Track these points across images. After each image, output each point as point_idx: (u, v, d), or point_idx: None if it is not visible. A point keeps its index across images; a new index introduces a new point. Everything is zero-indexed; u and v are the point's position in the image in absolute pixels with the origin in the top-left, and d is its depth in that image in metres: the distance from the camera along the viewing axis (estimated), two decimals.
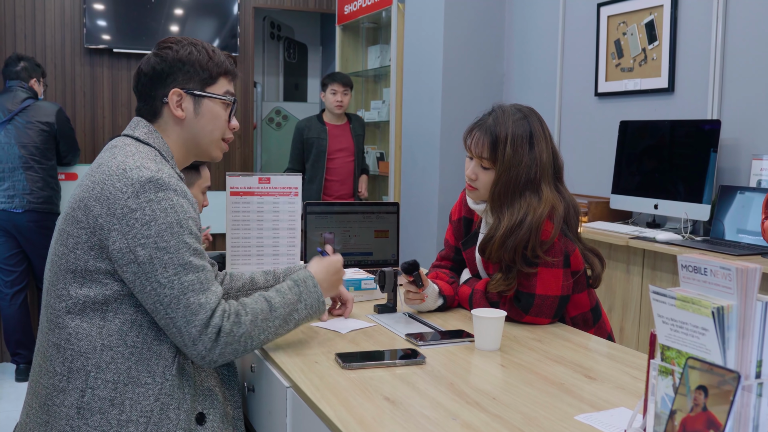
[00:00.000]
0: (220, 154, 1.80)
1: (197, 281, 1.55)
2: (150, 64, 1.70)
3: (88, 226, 1.55)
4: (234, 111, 1.79)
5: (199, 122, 1.72)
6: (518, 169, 1.99)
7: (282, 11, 7.28)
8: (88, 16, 5.43)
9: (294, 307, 1.70)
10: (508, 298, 2.05)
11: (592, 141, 4.10)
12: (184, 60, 1.69)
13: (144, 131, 1.68)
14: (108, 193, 1.54)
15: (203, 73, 1.71)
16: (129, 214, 1.52)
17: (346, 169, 5.02)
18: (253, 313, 1.62)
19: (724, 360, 1.04)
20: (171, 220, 1.54)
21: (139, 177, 1.54)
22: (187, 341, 1.55)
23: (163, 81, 1.69)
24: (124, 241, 1.52)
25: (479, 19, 4.66)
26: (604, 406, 1.44)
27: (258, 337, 1.63)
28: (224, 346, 1.57)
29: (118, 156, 1.60)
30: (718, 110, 3.35)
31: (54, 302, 1.59)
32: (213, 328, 1.55)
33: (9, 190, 4.35)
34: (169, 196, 1.55)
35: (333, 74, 5.05)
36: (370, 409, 1.41)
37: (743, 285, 1.03)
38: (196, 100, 1.71)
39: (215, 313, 1.56)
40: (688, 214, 3.27)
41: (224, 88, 1.76)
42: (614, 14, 3.91)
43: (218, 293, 1.59)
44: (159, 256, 1.52)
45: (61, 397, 1.55)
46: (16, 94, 4.43)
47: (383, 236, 2.69)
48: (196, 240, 1.59)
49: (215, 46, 1.78)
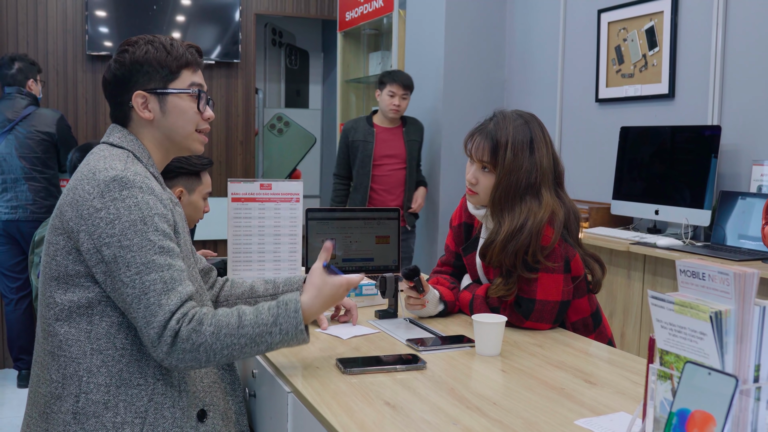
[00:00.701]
0: (200, 147, 1.76)
1: (160, 280, 1.51)
2: (111, 71, 1.69)
3: (63, 231, 1.56)
4: (205, 101, 1.73)
5: (168, 120, 1.69)
6: (519, 174, 2.00)
7: (283, 18, 7.30)
8: (90, 22, 5.45)
9: (267, 330, 1.57)
10: (508, 304, 2.05)
11: (592, 147, 4.10)
12: (141, 61, 1.66)
13: (118, 136, 1.68)
14: (78, 197, 1.55)
15: (163, 71, 1.68)
16: (94, 214, 1.52)
17: (394, 177, 4.49)
18: (216, 325, 1.53)
19: (722, 364, 1.04)
20: (134, 217, 1.52)
21: (105, 177, 1.54)
22: (147, 342, 1.52)
23: (125, 85, 1.67)
24: (91, 241, 1.52)
25: (480, 25, 4.68)
26: (605, 410, 1.45)
27: (221, 351, 1.53)
28: (181, 352, 1.50)
29: (91, 161, 1.62)
30: (718, 116, 3.36)
31: (44, 311, 1.61)
32: (169, 331, 1.49)
33: (12, 200, 4.35)
34: (133, 194, 1.54)
35: (393, 73, 4.44)
36: (371, 414, 1.42)
37: (741, 290, 1.04)
38: (160, 98, 1.68)
39: (174, 316, 1.50)
40: (688, 219, 3.28)
41: (188, 80, 1.71)
42: (615, 20, 3.93)
43: (183, 294, 1.53)
44: (123, 254, 1.50)
45: (58, 404, 1.56)
46: (16, 101, 4.41)
47: (384, 242, 2.69)
48: (165, 237, 1.55)
49: (175, 38, 1.73)
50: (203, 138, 1.76)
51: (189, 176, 2.49)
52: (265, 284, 2.02)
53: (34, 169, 4.38)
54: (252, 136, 6.15)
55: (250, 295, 1.99)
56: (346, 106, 6.20)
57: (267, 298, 1.98)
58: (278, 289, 2.00)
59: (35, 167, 4.38)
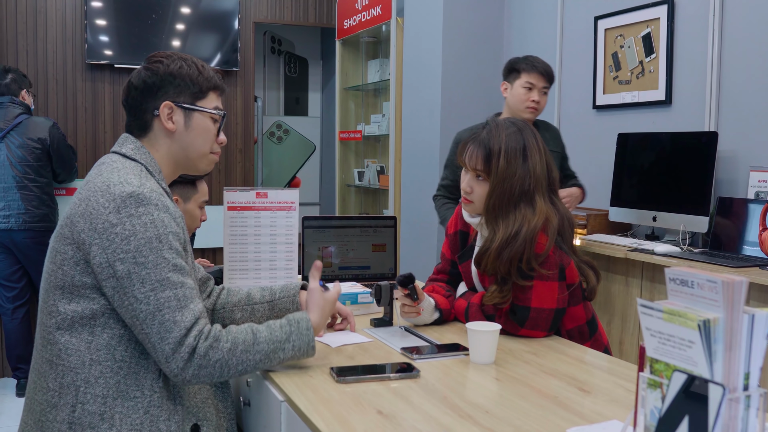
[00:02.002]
0: (209, 168, 1.82)
1: (174, 298, 1.54)
2: (141, 77, 1.71)
3: (73, 242, 1.57)
4: (222, 126, 1.80)
5: (189, 135, 1.73)
6: (512, 181, 2.00)
7: (282, 26, 7.32)
8: (89, 31, 5.47)
9: (281, 346, 1.66)
10: (503, 311, 2.05)
11: (590, 153, 4.10)
12: (174, 74, 1.70)
13: (131, 147, 1.70)
14: (91, 209, 1.55)
15: (194, 87, 1.72)
16: (110, 229, 1.53)
17: None
18: (233, 341, 1.59)
19: (711, 373, 1.04)
20: (150, 235, 1.54)
21: (121, 192, 1.55)
22: (160, 358, 1.54)
23: (154, 94, 1.70)
24: (104, 255, 1.53)
25: (477, 32, 4.68)
26: (597, 419, 1.45)
27: (235, 367, 1.59)
28: (198, 368, 1.55)
29: (104, 173, 1.62)
30: (715, 122, 3.36)
31: (45, 319, 1.61)
32: (186, 347, 1.53)
33: (4, 210, 4.31)
34: (149, 211, 1.55)
35: (530, 59, 3.28)
36: (363, 422, 1.42)
37: (729, 298, 1.04)
38: (186, 113, 1.72)
39: (190, 333, 1.54)
40: (686, 226, 3.28)
41: (214, 103, 1.77)
42: (611, 27, 3.93)
43: (196, 312, 1.57)
44: (137, 271, 1.52)
45: (54, 413, 1.56)
46: (8, 110, 4.38)
47: (381, 250, 2.69)
48: (178, 255, 1.58)
49: (204, 62, 1.79)
50: (215, 158, 1.81)
51: (185, 185, 2.49)
52: (262, 292, 2.02)
53: (27, 177, 4.34)
54: (251, 144, 6.16)
55: (247, 303, 1.99)
56: (345, 113, 6.21)
57: (264, 305, 1.98)
58: (275, 296, 2.01)
59: (27, 176, 4.35)
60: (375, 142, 6.09)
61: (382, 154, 6.01)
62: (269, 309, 1.98)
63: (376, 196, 6.13)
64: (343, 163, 6.25)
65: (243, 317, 1.97)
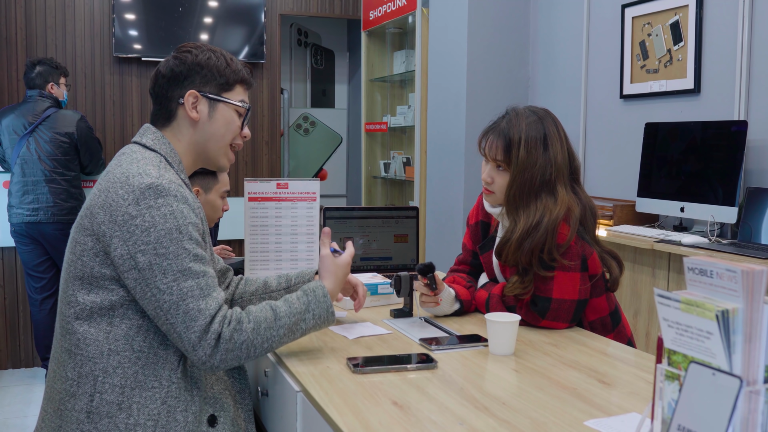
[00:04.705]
0: (227, 164, 1.81)
1: (197, 287, 1.55)
2: (169, 66, 1.72)
3: (93, 233, 1.57)
4: (247, 120, 1.79)
5: (213, 126, 1.73)
6: (533, 171, 1.97)
7: (309, 18, 7.31)
8: (117, 25, 5.51)
9: (301, 317, 1.68)
10: (524, 302, 2.03)
11: (617, 143, 4.05)
12: (202, 64, 1.71)
13: (151, 138, 1.70)
14: (111, 201, 1.56)
15: (220, 79, 1.73)
16: (129, 221, 1.53)
17: None
18: (256, 321, 1.61)
19: (730, 365, 1.01)
20: (170, 226, 1.54)
21: (140, 184, 1.55)
22: (187, 347, 1.55)
23: (181, 83, 1.71)
24: (125, 247, 1.53)
25: (503, 23, 4.63)
26: (616, 411, 1.42)
27: (261, 345, 1.62)
28: (225, 352, 1.56)
29: (123, 163, 1.62)
30: (745, 111, 3.29)
31: (65, 308, 1.62)
32: (212, 334, 1.54)
33: (33, 203, 4.38)
34: (168, 202, 1.56)
35: None
36: (377, 413, 1.41)
37: (750, 287, 1.01)
38: (211, 103, 1.72)
39: (215, 319, 1.56)
40: (715, 216, 3.21)
41: (240, 96, 1.77)
42: (639, 15, 3.87)
43: (219, 299, 1.58)
44: (158, 262, 1.53)
45: (72, 402, 1.57)
46: (36, 104, 4.46)
47: (403, 241, 2.67)
48: (198, 245, 1.59)
49: (233, 56, 1.79)
50: (232, 156, 1.81)
51: (205, 175, 2.49)
52: (278, 279, 2.03)
53: (55, 171, 4.42)
54: (278, 136, 6.17)
55: (264, 291, 2.01)
56: (371, 105, 6.20)
57: (281, 292, 1.99)
58: (291, 282, 2.01)
59: (56, 169, 4.42)
60: (401, 134, 6.07)
61: (408, 145, 5.99)
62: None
63: (402, 187, 6.11)
64: (369, 155, 6.24)
65: None
